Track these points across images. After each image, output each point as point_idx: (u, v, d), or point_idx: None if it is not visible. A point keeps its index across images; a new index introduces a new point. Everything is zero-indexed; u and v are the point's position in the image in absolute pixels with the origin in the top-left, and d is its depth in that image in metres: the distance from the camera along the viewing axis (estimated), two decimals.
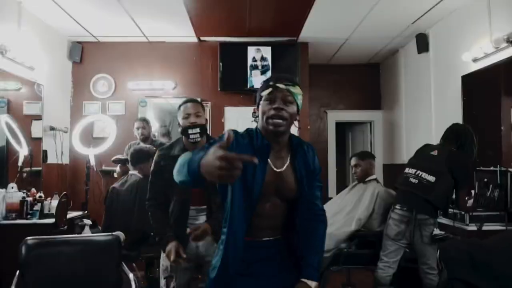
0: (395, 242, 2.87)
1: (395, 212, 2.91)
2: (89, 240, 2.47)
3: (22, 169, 4.10)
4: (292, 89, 1.53)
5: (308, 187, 1.61)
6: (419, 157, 3.06)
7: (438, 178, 2.80)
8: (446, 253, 1.62)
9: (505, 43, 3.33)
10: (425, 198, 2.80)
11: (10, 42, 3.68)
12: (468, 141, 3.00)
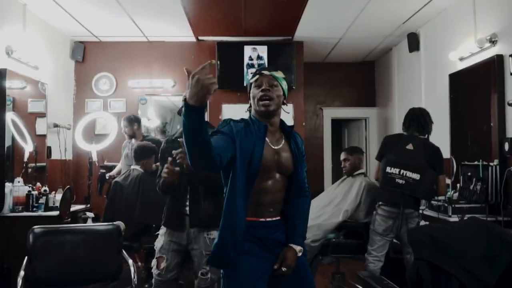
0: (383, 237, 3.01)
1: (382, 209, 3.03)
2: (91, 229, 2.66)
3: (27, 164, 4.27)
4: (275, 74, 1.80)
5: (300, 167, 1.85)
6: (397, 154, 3.09)
7: (422, 175, 2.94)
8: (413, 237, 1.80)
9: (488, 43, 3.48)
10: (414, 196, 2.95)
11: (15, 43, 3.85)
12: (428, 123, 3.19)
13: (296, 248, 1.79)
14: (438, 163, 3.07)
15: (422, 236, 1.76)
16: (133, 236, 3.56)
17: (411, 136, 3.17)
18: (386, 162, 3.10)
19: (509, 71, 3.25)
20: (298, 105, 5.35)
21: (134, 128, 4.39)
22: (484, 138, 3.57)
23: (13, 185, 3.75)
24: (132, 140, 4.40)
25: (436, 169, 3.03)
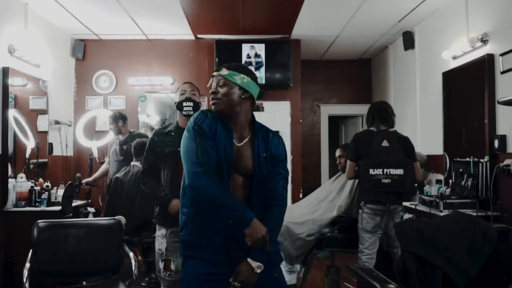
0: (373, 234, 3.08)
1: (368, 207, 3.07)
2: (94, 223, 2.75)
3: (29, 160, 4.35)
4: (221, 73, 1.75)
5: (267, 170, 1.76)
6: (376, 154, 3.08)
7: (405, 169, 3.03)
8: (400, 231, 1.89)
9: (479, 42, 3.57)
10: (401, 191, 3.04)
11: (17, 42, 3.92)
12: (390, 114, 3.23)
13: (252, 264, 1.62)
14: (412, 152, 3.17)
15: (409, 230, 1.85)
16: (133, 231, 3.65)
17: (381, 131, 3.17)
18: (367, 164, 3.08)
19: (500, 70, 3.34)
20: (295, 102, 5.44)
21: (119, 125, 4.42)
22: (475, 135, 3.66)
23: (16, 180, 3.84)
24: (119, 136, 4.46)
25: (411, 158, 3.12)
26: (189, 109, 2.49)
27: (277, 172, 1.80)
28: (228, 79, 1.74)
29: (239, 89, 1.74)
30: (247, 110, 1.78)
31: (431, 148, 4.48)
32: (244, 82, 1.76)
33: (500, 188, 3.31)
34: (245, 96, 1.76)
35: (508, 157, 3.23)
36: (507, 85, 3.27)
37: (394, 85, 5.71)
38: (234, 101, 1.73)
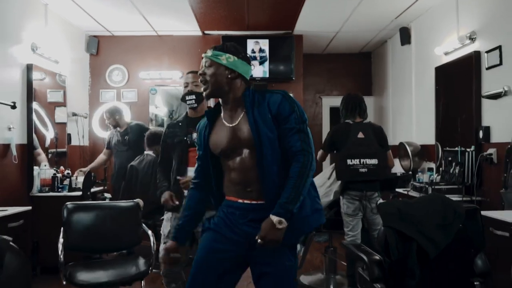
0: (354, 217, 3.36)
1: (347, 193, 3.35)
2: (115, 205, 3.08)
3: (49, 150, 4.69)
4: (207, 54, 1.75)
5: (271, 137, 1.66)
6: (353, 145, 3.31)
7: (379, 158, 3.29)
8: (383, 209, 2.19)
9: (468, 40, 3.83)
10: (376, 179, 3.33)
11: (39, 40, 4.24)
12: (364, 105, 3.49)
13: (272, 218, 1.57)
14: (385, 142, 3.43)
15: (390, 208, 2.16)
16: (148, 214, 3.98)
17: (357, 124, 3.40)
18: (345, 155, 3.31)
19: (485, 66, 3.61)
20: (297, 94, 5.72)
21: (117, 118, 4.69)
22: (463, 127, 3.94)
23: (40, 168, 4.19)
24: (117, 128, 4.74)
25: (384, 147, 3.39)
26: (192, 102, 2.64)
27: (287, 129, 1.67)
28: (213, 60, 1.73)
29: (226, 69, 1.72)
30: (238, 89, 1.74)
31: (424, 138, 4.76)
32: (230, 61, 1.72)
33: (484, 175, 3.60)
34: (233, 75, 1.72)
35: (491, 146, 3.52)
36: (491, 80, 3.54)
37: (392, 78, 5.97)
38: (221, 82, 1.72)
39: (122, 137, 4.59)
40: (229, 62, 1.72)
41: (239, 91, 1.74)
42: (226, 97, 1.75)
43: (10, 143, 3.75)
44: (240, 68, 1.74)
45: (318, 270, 4.15)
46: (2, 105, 3.59)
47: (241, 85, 1.75)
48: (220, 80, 1.71)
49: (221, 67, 1.71)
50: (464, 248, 2.18)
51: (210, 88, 1.73)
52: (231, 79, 1.72)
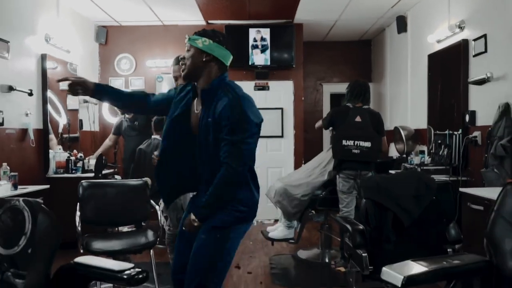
0: (349, 194, 3.62)
1: (343, 172, 3.60)
2: (126, 184, 3.37)
3: (62, 135, 4.98)
4: (186, 38, 1.88)
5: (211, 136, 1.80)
6: (349, 127, 3.57)
7: (372, 142, 3.53)
8: (363, 183, 2.45)
9: (457, 29, 4.02)
10: (368, 161, 3.58)
11: (52, 31, 4.50)
12: (368, 94, 3.74)
13: (191, 216, 1.86)
14: (381, 128, 3.68)
15: (370, 183, 2.42)
16: (156, 194, 4.28)
17: (356, 108, 3.65)
18: (340, 136, 3.59)
19: (472, 53, 3.81)
20: (297, 82, 5.96)
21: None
22: (452, 111, 4.16)
23: (55, 152, 4.50)
24: (125, 115, 4.97)
25: (380, 133, 3.64)
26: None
27: (221, 137, 1.77)
28: (190, 43, 1.84)
29: (201, 52, 1.81)
30: (211, 73, 1.84)
31: (418, 123, 4.98)
32: (206, 45, 1.81)
33: (469, 156, 3.83)
34: (207, 58, 1.81)
35: (476, 129, 3.74)
36: (477, 67, 3.75)
37: (390, 65, 6.16)
38: (195, 64, 1.81)
39: (132, 123, 4.87)
40: (205, 46, 1.81)
41: (212, 76, 1.84)
42: (200, 81, 1.86)
43: (27, 127, 4.04)
44: (216, 52, 1.83)
45: (315, 246, 4.44)
46: (20, 92, 3.87)
47: (216, 70, 1.85)
48: (195, 62, 1.82)
49: (197, 50, 1.82)
50: (438, 218, 2.43)
51: (186, 70, 1.84)
52: (206, 62, 1.82)
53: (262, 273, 3.78)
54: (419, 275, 1.30)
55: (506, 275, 1.41)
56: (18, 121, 3.93)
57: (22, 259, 1.52)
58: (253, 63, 5.76)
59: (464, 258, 1.50)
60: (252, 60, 5.77)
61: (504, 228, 1.46)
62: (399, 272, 1.29)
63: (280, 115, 5.95)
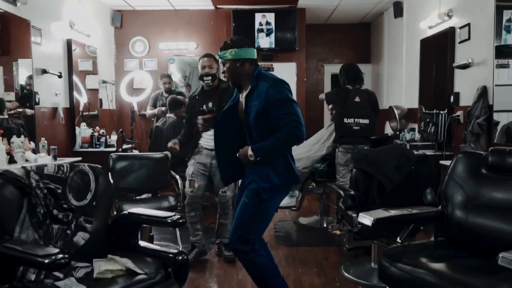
0: (345, 167, 4.06)
1: (342, 147, 4.03)
2: (149, 156, 3.85)
3: (83, 113, 5.44)
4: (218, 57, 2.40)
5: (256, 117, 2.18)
6: (350, 107, 3.98)
7: (370, 119, 3.99)
8: (354, 156, 2.93)
9: (446, 16, 4.40)
10: (366, 136, 4.03)
11: (74, 17, 4.90)
12: (361, 74, 4.17)
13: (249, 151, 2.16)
14: (377, 107, 4.14)
15: (359, 155, 2.90)
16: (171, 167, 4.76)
17: (355, 89, 4.08)
18: (342, 115, 4.01)
19: (458, 40, 4.21)
20: (300, 63, 6.36)
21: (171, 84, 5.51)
22: (440, 92, 4.59)
23: (80, 128, 4.97)
24: (162, 93, 5.46)
25: (376, 111, 4.10)
26: (209, 81, 3.37)
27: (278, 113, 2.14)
28: (224, 59, 2.26)
29: (234, 61, 2.22)
30: (247, 71, 2.24)
31: (411, 102, 5.40)
32: (233, 54, 2.21)
33: (453, 133, 4.29)
34: (240, 63, 2.22)
35: (459, 109, 4.18)
36: (462, 53, 4.15)
37: (387, 47, 6.54)
38: (234, 72, 2.25)
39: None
40: (233, 55, 2.22)
41: (250, 72, 2.25)
42: (241, 81, 2.29)
43: (57, 106, 4.51)
44: (243, 54, 2.24)
45: (314, 214, 4.96)
46: (51, 74, 4.32)
47: (249, 67, 2.26)
48: (233, 71, 2.25)
49: (230, 61, 2.24)
50: (416, 185, 2.91)
51: (231, 80, 2.30)
52: (241, 66, 2.24)
53: (267, 235, 4.29)
54: (384, 218, 1.78)
55: (453, 221, 1.89)
56: (49, 100, 4.39)
57: (89, 209, 2.01)
58: (258, 46, 6.16)
59: (422, 209, 1.98)
60: (257, 43, 6.16)
61: (454, 187, 1.93)
62: (370, 215, 1.77)
63: None
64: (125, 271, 1.80)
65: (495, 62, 3.54)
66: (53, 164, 1.99)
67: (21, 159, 3.44)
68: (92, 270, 1.81)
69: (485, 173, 1.88)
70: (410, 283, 1.57)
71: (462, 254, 1.73)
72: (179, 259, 1.87)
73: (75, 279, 1.74)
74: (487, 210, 1.76)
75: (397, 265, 1.63)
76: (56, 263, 1.38)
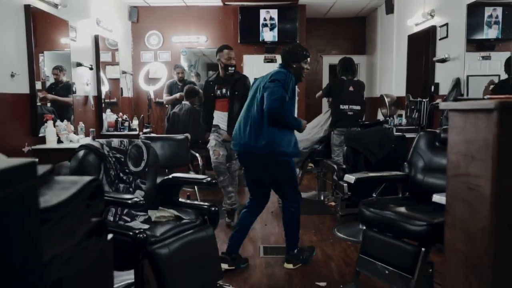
0: (339, 147, 4.72)
1: (337, 129, 4.63)
2: (172, 138, 4.51)
3: (105, 100, 6.07)
4: None
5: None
6: (345, 96, 4.53)
7: (361, 106, 4.63)
8: (345, 135, 3.58)
9: (429, 16, 5.03)
10: (357, 120, 4.67)
11: (100, 14, 5.51)
12: (355, 67, 4.79)
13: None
14: (364, 93, 4.80)
15: (350, 135, 3.57)
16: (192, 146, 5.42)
17: (349, 80, 4.67)
18: (339, 102, 4.56)
19: (438, 37, 4.84)
20: None
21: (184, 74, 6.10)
22: (423, 82, 5.23)
23: (106, 114, 5.62)
24: (179, 82, 6.09)
25: (363, 95, 4.76)
26: (232, 70, 3.98)
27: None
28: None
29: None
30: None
31: (400, 91, 6.05)
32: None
33: (433, 118, 4.94)
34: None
35: (439, 97, 4.83)
36: (442, 49, 4.79)
37: (380, 40, 7.16)
38: None
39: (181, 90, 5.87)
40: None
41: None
42: None
43: (88, 95, 5.15)
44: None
45: (313, 190, 5.64)
46: (83, 67, 4.95)
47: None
48: None
49: None
50: (395, 159, 3.57)
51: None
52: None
53: (272, 207, 4.99)
54: (364, 178, 2.44)
55: (415, 182, 2.56)
56: (82, 90, 5.03)
57: (143, 173, 2.68)
58: (263, 39, 6.77)
59: (393, 173, 2.65)
60: (262, 36, 6.77)
61: (416, 156, 2.59)
62: (353, 176, 2.44)
63: None
64: (173, 217, 2.47)
65: (466, 57, 4.19)
66: (117, 140, 2.65)
67: (66, 139, 4.10)
68: (149, 217, 2.48)
69: (438, 145, 2.53)
70: (378, 220, 2.23)
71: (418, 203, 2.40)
72: (212, 210, 2.54)
73: (139, 222, 2.42)
74: (438, 172, 2.42)
75: (370, 209, 2.29)
76: (137, 203, 2.05)
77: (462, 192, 1.15)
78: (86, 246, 0.85)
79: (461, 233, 1.15)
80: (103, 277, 0.96)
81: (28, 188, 0.55)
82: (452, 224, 1.22)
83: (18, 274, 0.54)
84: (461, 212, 1.17)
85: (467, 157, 1.12)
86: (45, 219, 0.65)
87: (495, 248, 1.00)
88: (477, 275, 1.05)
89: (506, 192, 1.02)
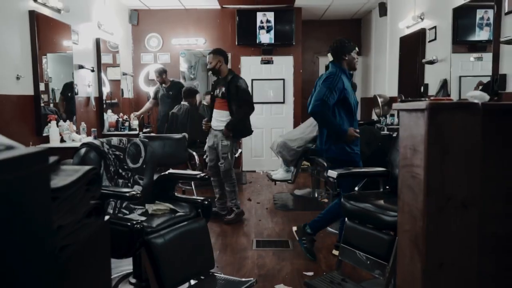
0: None
1: None
2: (170, 137, 4.69)
3: (106, 101, 6.26)
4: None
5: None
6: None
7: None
8: None
9: (419, 19, 5.19)
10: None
11: (101, 18, 5.70)
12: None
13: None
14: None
15: None
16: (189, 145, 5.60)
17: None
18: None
19: (427, 40, 5.01)
20: (296, 57, 7.15)
21: (163, 76, 6.13)
22: (414, 83, 5.40)
23: (107, 114, 5.81)
24: (162, 85, 6.24)
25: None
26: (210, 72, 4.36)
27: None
28: None
29: None
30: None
31: (393, 91, 6.22)
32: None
33: None
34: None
35: (428, 97, 4.99)
36: (430, 51, 4.96)
37: (374, 42, 7.33)
38: None
39: (167, 92, 6.10)
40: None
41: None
42: None
43: (90, 96, 5.33)
44: None
45: (307, 187, 5.82)
46: (85, 69, 5.13)
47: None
48: None
49: None
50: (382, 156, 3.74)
51: None
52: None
53: (267, 203, 5.17)
54: (345, 173, 2.62)
55: (394, 177, 2.73)
56: (84, 91, 5.22)
57: (141, 170, 2.86)
58: (260, 41, 6.95)
59: (374, 169, 2.83)
60: (259, 39, 6.95)
61: (396, 154, 2.76)
62: (335, 171, 2.61)
63: (282, 85, 7.21)
64: (169, 210, 2.65)
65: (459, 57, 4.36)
66: (117, 138, 2.84)
67: (69, 139, 4.29)
68: (146, 210, 2.66)
69: None
70: (358, 212, 2.41)
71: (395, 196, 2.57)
72: (206, 204, 2.72)
73: (137, 214, 2.60)
74: None
75: (351, 202, 2.46)
76: (134, 196, 2.23)
77: (408, 180, 1.33)
78: (86, 223, 1.03)
79: (407, 215, 1.33)
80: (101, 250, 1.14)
81: (42, 170, 0.72)
82: (402, 209, 1.39)
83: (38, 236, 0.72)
84: (408, 197, 1.35)
85: (411, 150, 1.30)
86: (54, 197, 0.83)
87: (426, 225, 1.18)
88: (418, 249, 1.22)
89: (434, 178, 1.21)
